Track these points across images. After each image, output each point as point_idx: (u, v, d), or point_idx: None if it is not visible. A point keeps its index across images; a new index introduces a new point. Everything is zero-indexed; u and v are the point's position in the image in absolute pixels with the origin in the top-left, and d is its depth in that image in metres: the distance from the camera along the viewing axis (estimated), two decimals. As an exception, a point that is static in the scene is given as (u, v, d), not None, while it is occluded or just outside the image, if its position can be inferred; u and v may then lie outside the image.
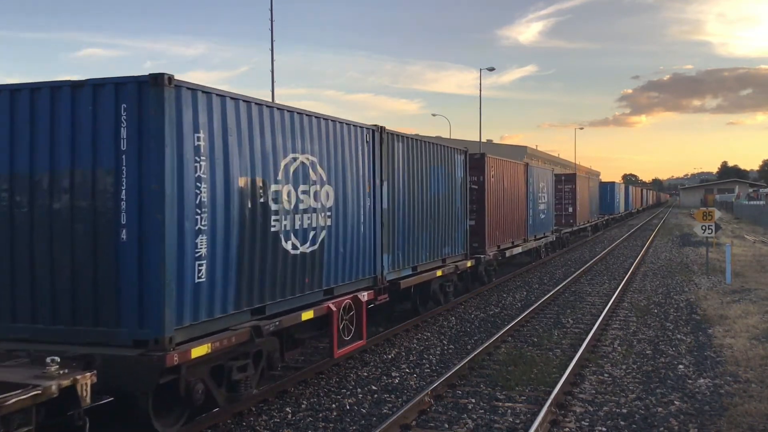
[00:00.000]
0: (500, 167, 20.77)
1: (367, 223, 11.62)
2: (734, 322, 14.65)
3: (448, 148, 15.90)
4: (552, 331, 14.18)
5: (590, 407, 9.17)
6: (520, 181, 23.23)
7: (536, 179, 25.63)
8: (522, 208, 23.44)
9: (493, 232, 19.84)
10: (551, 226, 29.16)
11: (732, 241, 30.99)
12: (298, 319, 9.46)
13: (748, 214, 62.06)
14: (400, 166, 13.00)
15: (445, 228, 15.51)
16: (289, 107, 9.48)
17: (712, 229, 23.33)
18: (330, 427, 8.49)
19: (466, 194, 16.97)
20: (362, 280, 11.56)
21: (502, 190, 20.92)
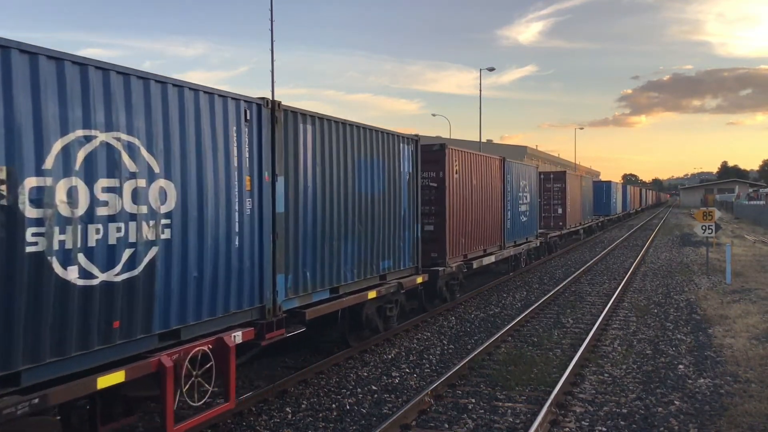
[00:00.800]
0: (467, 162, 17.57)
1: (245, 234, 8.46)
2: (734, 322, 14.66)
3: (389, 136, 12.71)
4: (552, 330, 14.18)
5: (590, 407, 9.17)
6: (494, 179, 20.14)
7: (516, 176, 22.58)
8: (497, 210, 20.37)
9: (456, 239, 16.64)
10: (535, 230, 25.86)
11: (732, 241, 31.00)
12: (89, 388, 6.28)
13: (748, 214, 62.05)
14: (309, 155, 9.88)
15: (385, 236, 12.38)
16: (79, 58, 6.30)
17: (712, 229, 23.32)
18: (330, 427, 8.49)
19: (416, 193, 13.81)
20: (238, 313, 8.40)
21: (471, 189, 17.77)
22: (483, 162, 19.03)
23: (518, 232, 22.88)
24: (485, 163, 19.24)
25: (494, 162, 20.19)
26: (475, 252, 18.41)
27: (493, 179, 20.00)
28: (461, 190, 17.06)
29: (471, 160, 17.90)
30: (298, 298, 9.70)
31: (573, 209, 34.89)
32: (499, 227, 20.53)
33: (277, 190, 9.07)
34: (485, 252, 19.29)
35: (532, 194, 24.93)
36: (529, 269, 25.26)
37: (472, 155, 18.04)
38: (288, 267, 9.40)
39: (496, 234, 20.28)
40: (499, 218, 20.57)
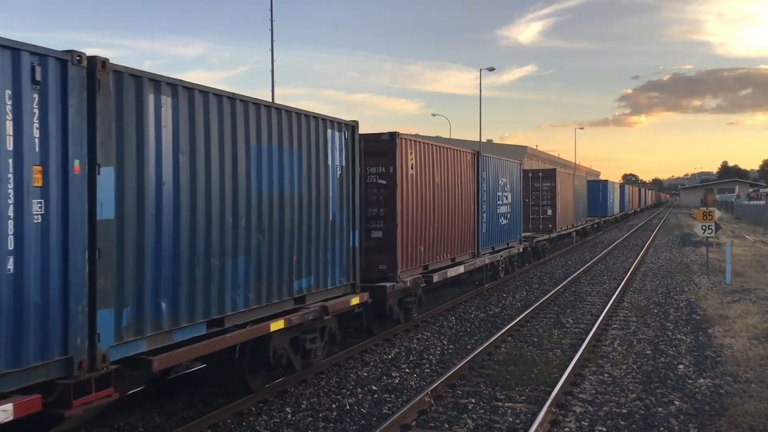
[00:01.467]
0: (428, 155, 14.84)
1: (29, 253, 5.76)
2: (734, 322, 14.66)
3: (310, 119, 10.03)
4: (552, 330, 14.18)
5: (590, 407, 9.17)
6: (465, 176, 17.29)
7: (494, 173, 19.92)
8: (470, 212, 17.58)
9: (412, 248, 13.92)
10: (519, 234, 23.11)
11: (732, 241, 31.00)
12: None
13: (748, 214, 62.05)
14: (165, 139, 7.26)
15: (303, 248, 9.77)
16: None
17: (712, 229, 23.32)
18: (330, 427, 8.49)
19: (351, 193, 11.28)
20: (10, 374, 5.60)
21: (432, 188, 15.06)
22: (450, 156, 16.24)
23: (497, 236, 20.30)
24: (453, 158, 16.47)
25: (465, 156, 17.44)
26: (440, 262, 15.69)
27: (464, 176, 17.22)
28: (419, 189, 14.30)
29: (433, 153, 15.19)
30: (145, 340, 6.96)
31: (564, 210, 32.04)
32: (471, 232, 17.88)
33: (100, 187, 6.36)
34: (453, 261, 16.57)
35: (514, 193, 22.36)
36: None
37: (434, 147, 15.35)
38: (123, 297, 6.69)
39: (467, 240, 17.55)
40: (472, 221, 17.93)
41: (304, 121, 9.86)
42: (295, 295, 9.69)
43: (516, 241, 22.79)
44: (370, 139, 12.93)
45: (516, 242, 22.79)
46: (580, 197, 38.02)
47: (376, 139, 13.11)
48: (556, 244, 33.10)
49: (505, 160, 21.76)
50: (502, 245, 20.98)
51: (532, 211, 29.28)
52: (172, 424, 8.55)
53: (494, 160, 20.26)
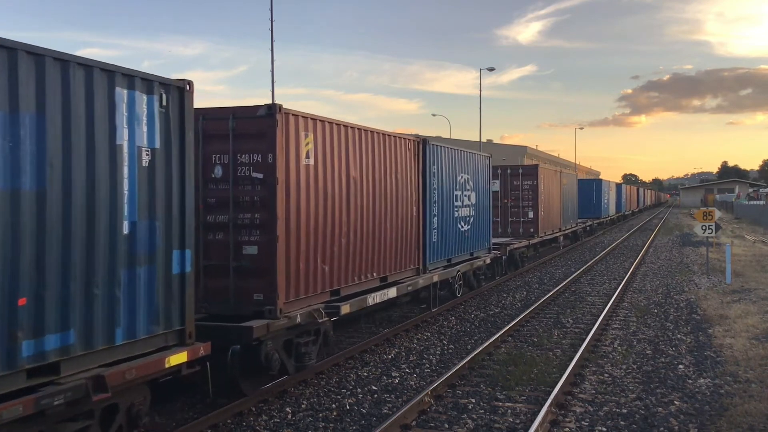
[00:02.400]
0: (336, 139, 10.99)
1: None
2: (734, 321, 14.66)
3: (66, 65, 6.18)
4: (552, 331, 14.18)
5: (590, 407, 9.18)
6: (404, 170, 13.37)
7: (449, 168, 15.93)
8: (409, 217, 13.64)
9: (310, 267, 10.30)
10: (487, 241, 19.45)
11: (732, 241, 31.01)
12: None
13: (748, 214, 62.06)
14: None
15: (45, 280, 5.95)
16: None
17: (712, 229, 23.32)
18: (330, 427, 8.49)
19: (180, 192, 7.62)
20: None
21: (344, 184, 11.25)
22: (378, 143, 12.19)
23: (455, 245, 16.49)
24: (384, 146, 12.45)
25: (402, 145, 13.34)
26: (361, 283, 11.79)
27: (402, 170, 13.22)
28: (322, 186, 10.54)
29: (347, 138, 11.26)
30: None
31: (549, 212, 28.47)
32: (414, 242, 13.92)
33: None
34: (383, 282, 12.71)
35: (481, 193, 18.51)
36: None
37: (348, 130, 11.33)
38: None
39: (407, 252, 13.62)
40: (415, 229, 13.95)
41: (53, 69, 6.04)
42: (27, 365, 5.82)
43: (483, 250, 19.17)
44: (238, 114, 9.54)
45: (484, 251, 19.17)
46: (569, 197, 34.14)
47: (248, 114, 9.53)
48: (539, 250, 29.73)
49: (467, 152, 17.57)
50: (462, 256, 17.21)
51: (511, 213, 26.13)
52: (172, 424, 8.56)
53: (450, 151, 16.15)
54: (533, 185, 26.27)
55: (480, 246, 18.86)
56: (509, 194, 26.19)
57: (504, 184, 26.06)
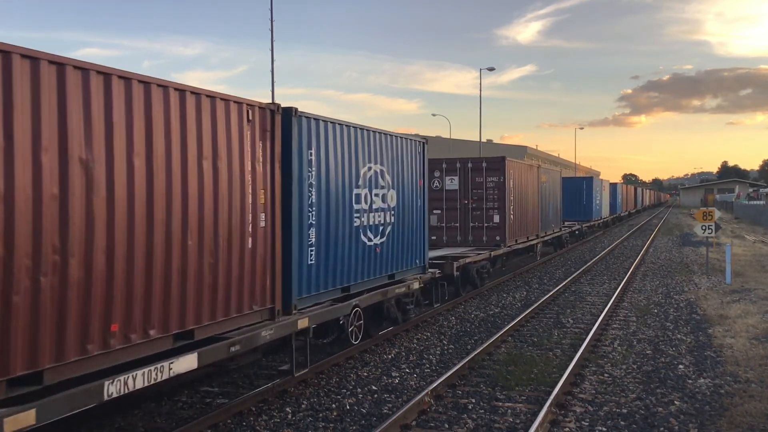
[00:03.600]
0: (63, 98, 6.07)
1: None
2: (734, 321, 14.66)
3: None
4: (552, 331, 14.18)
5: (590, 407, 9.17)
6: (230, 151, 8.38)
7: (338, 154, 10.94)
8: (243, 229, 8.68)
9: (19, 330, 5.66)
10: (420, 257, 14.14)
11: (732, 241, 31.01)
12: None
13: (748, 214, 62.08)
14: None
15: None
16: None
17: (712, 229, 23.33)
18: (330, 427, 8.49)
19: None
20: None
21: (50, 173, 5.97)
22: (163, 104, 7.28)
23: (354, 268, 11.47)
24: (180, 109, 7.54)
25: (230, 112, 8.39)
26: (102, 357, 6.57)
27: (229, 153, 8.33)
28: None
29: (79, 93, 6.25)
30: None
31: (523, 215, 23.73)
32: (259, 268, 8.99)
33: None
34: (195, 339, 7.82)
35: (406, 191, 13.32)
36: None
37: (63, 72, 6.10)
38: None
39: (244, 286, 8.69)
40: (261, 247, 9.05)
41: None
42: None
43: (414, 270, 13.87)
44: None
45: (414, 271, 13.88)
46: (551, 197, 29.27)
47: None
48: (507, 263, 24.41)
49: (378, 133, 12.20)
50: (372, 281, 12.13)
51: (473, 218, 21.47)
52: (172, 424, 8.55)
53: (343, 130, 11.02)
54: (500, 182, 21.36)
55: (407, 264, 13.48)
56: (470, 194, 21.43)
57: (464, 181, 21.45)
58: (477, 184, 21.49)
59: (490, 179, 21.43)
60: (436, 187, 21.22)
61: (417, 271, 14.16)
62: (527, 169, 24.94)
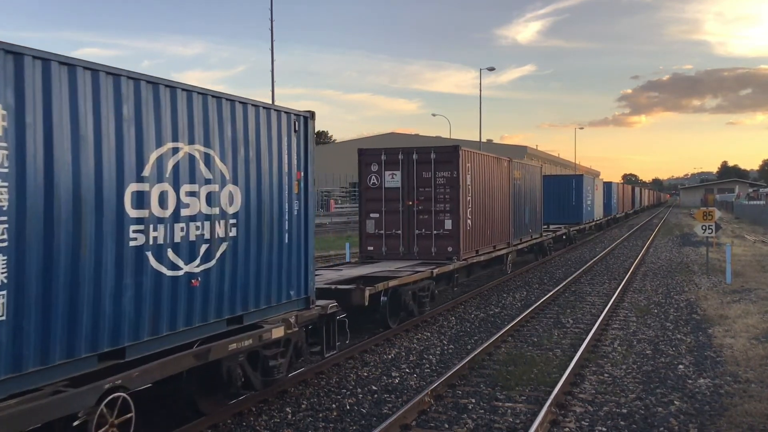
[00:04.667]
0: None
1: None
2: (734, 321, 14.66)
3: None
4: (552, 331, 14.18)
5: (590, 407, 9.17)
6: None
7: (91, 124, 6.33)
8: None
9: None
10: (296, 287, 9.68)
11: (732, 241, 31.02)
12: None
13: (749, 214, 62.09)
14: None
15: None
16: None
17: (712, 229, 23.33)
18: (330, 427, 8.49)
19: None
20: None
21: None
22: None
23: (131, 316, 6.83)
24: None
25: None
26: None
27: None
28: None
29: None
30: None
31: (486, 219, 19.39)
32: None
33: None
34: None
35: (260, 187, 8.91)
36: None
37: None
38: None
39: None
40: None
41: None
42: None
43: (287, 308, 9.54)
44: None
45: (286, 310, 9.52)
46: (528, 197, 24.86)
47: None
48: (463, 280, 19.00)
49: (205, 95, 7.91)
50: (182, 335, 7.64)
51: (420, 223, 17.27)
52: (172, 424, 8.55)
53: (105, 78, 6.50)
54: (452, 178, 17.14)
55: (269, 298, 9.15)
56: (415, 193, 17.27)
57: (408, 177, 17.30)
58: (424, 181, 17.30)
59: (441, 174, 17.24)
60: (373, 185, 17.58)
61: (292, 307, 9.63)
62: (492, 163, 20.27)
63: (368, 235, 17.62)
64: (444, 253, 17.21)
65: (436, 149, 17.41)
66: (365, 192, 17.70)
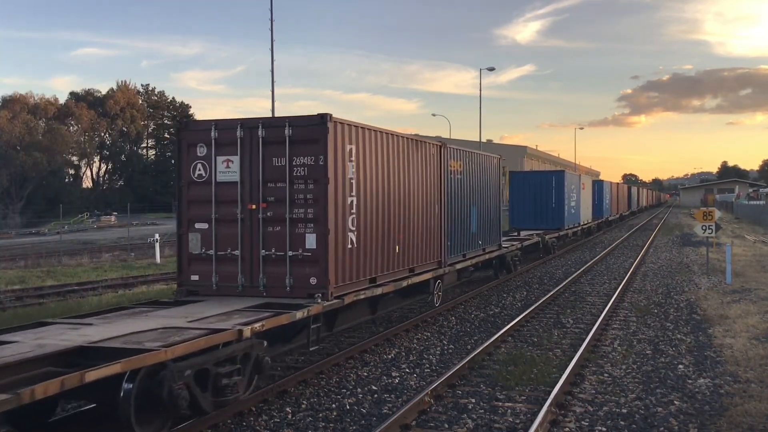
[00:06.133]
0: None
1: None
2: (734, 322, 14.66)
3: None
4: (552, 331, 14.18)
5: (590, 407, 9.18)
6: None
7: None
8: None
9: None
10: None
11: (732, 241, 31.00)
12: None
13: (748, 214, 62.09)
14: None
15: None
16: None
17: (712, 229, 23.33)
18: (330, 427, 8.49)
19: None
20: None
21: None
22: None
23: None
24: None
25: None
26: None
27: None
28: None
29: None
30: None
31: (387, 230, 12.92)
32: None
33: None
34: None
35: None
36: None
37: None
38: None
39: None
40: None
41: None
42: None
43: None
44: None
45: None
46: (477, 198, 18.36)
47: None
48: (335, 328, 12.58)
49: None
50: None
51: (268, 240, 11.13)
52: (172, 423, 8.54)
53: None
54: (318, 167, 10.84)
55: None
56: (261, 191, 11.16)
57: (250, 166, 11.23)
58: (276, 172, 11.01)
59: (301, 161, 10.89)
60: (200, 178, 11.40)
61: None
62: (404, 147, 13.53)
63: (192, 258, 11.43)
64: (305, 286, 10.79)
65: (293, 120, 10.87)
66: (187, 190, 11.49)
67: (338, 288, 11.11)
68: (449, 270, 16.43)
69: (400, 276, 13.62)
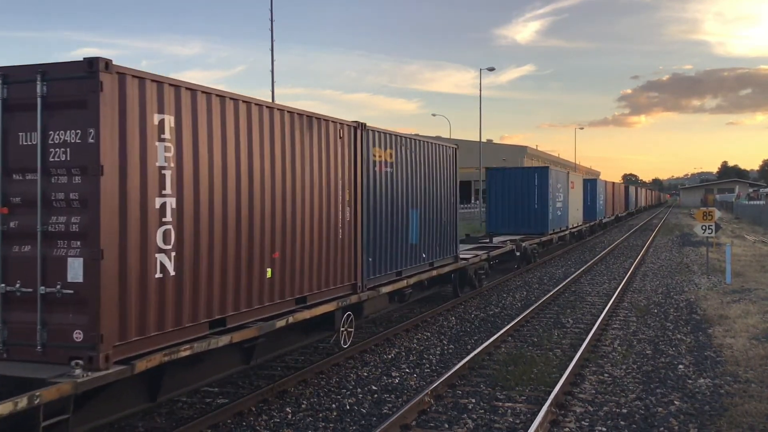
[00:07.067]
0: None
1: None
2: (734, 321, 14.66)
3: None
4: (552, 331, 14.18)
5: (590, 407, 9.18)
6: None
7: None
8: None
9: None
10: None
11: (732, 241, 31.00)
12: None
13: (748, 214, 62.08)
14: None
15: None
16: None
17: (712, 229, 23.33)
18: (330, 427, 8.49)
19: None
20: None
21: None
22: None
23: None
24: None
25: None
26: None
27: None
28: None
29: None
30: None
31: (221, 245, 8.28)
32: None
33: None
34: None
35: None
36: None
37: None
38: None
39: None
40: None
41: None
42: None
43: None
44: None
45: None
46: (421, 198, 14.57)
47: None
48: None
49: None
50: None
51: (12, 267, 6.86)
52: (172, 424, 8.56)
53: None
54: (87, 145, 6.58)
55: None
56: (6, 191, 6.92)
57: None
58: (23, 154, 6.91)
59: (60, 136, 6.77)
60: None
61: None
62: (280, 122, 9.55)
63: None
64: (65, 345, 6.75)
65: (50, 71, 6.82)
66: None
67: (127, 346, 6.97)
68: (371, 295, 12.21)
69: (276, 311, 9.52)
